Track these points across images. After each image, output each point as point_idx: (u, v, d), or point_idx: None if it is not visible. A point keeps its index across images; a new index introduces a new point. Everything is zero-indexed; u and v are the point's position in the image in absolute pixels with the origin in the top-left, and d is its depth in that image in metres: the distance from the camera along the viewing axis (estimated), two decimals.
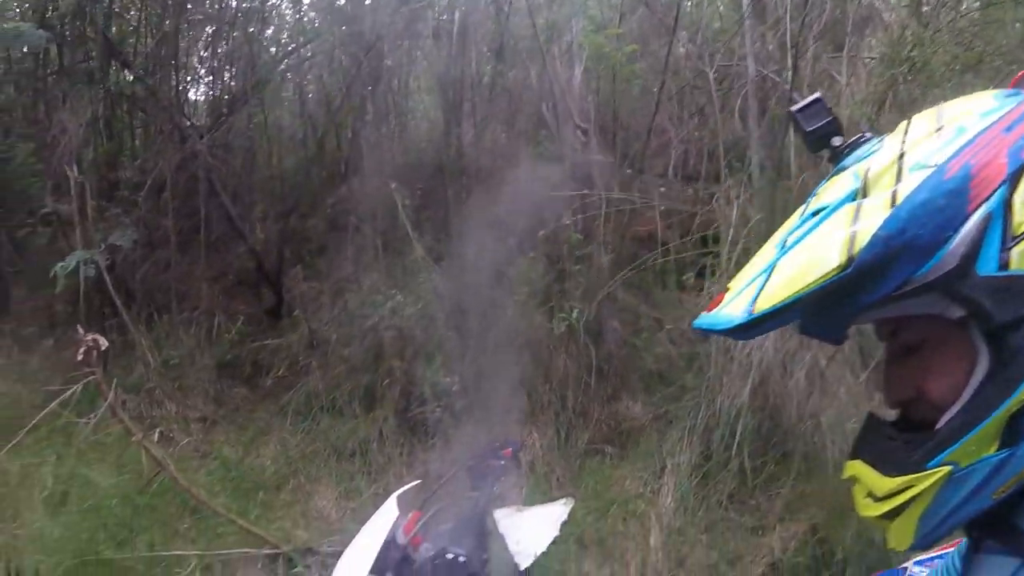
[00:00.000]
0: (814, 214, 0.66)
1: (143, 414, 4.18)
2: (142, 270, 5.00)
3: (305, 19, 5.93)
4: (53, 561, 2.85)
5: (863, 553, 3.06)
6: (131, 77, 5.28)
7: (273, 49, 5.87)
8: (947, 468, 0.64)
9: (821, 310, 0.64)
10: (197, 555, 3.02)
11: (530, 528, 1.78)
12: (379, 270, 3.74)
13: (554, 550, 2.87)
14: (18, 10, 5.22)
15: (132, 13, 5.71)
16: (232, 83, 5.70)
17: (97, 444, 3.70)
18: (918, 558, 2.15)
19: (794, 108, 0.80)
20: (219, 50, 5.78)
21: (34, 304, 5.03)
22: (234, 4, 5.61)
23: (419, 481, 1.69)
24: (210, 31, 5.81)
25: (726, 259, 3.19)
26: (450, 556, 1.37)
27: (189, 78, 5.92)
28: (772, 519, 3.11)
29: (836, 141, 0.77)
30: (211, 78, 5.94)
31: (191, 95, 6.18)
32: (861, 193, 0.65)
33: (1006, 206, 0.61)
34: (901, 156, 0.65)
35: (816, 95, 0.80)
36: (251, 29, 5.50)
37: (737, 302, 0.66)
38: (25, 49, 5.26)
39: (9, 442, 3.16)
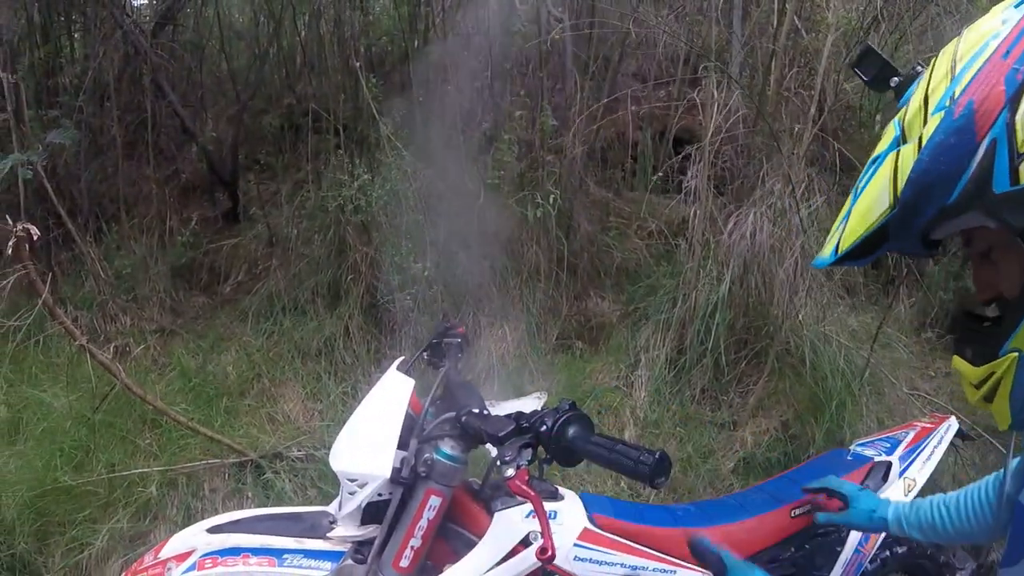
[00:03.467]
0: (873, 161, 0.80)
1: (97, 330, 4.00)
2: (86, 177, 4.70)
3: None
4: (9, 495, 2.71)
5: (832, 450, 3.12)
6: None
7: None
8: (1014, 355, 0.77)
9: (892, 239, 0.79)
10: (160, 471, 2.90)
11: None
12: (341, 157, 3.52)
13: None
14: None
15: None
16: None
17: (49, 365, 3.55)
18: (860, 440, 2.24)
19: (852, 64, 1.04)
20: None
21: None
22: None
23: (403, 358, 1.75)
24: None
25: (708, 152, 3.07)
26: (476, 410, 1.50)
27: None
28: (745, 415, 3.13)
29: (894, 82, 0.97)
30: None
31: None
32: (902, 139, 0.78)
33: (1009, 129, 0.70)
34: (926, 100, 0.77)
35: (865, 45, 1.01)
36: None
37: (828, 245, 0.82)
38: None
39: None
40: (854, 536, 2.02)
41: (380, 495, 1.52)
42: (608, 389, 3.12)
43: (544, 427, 1.37)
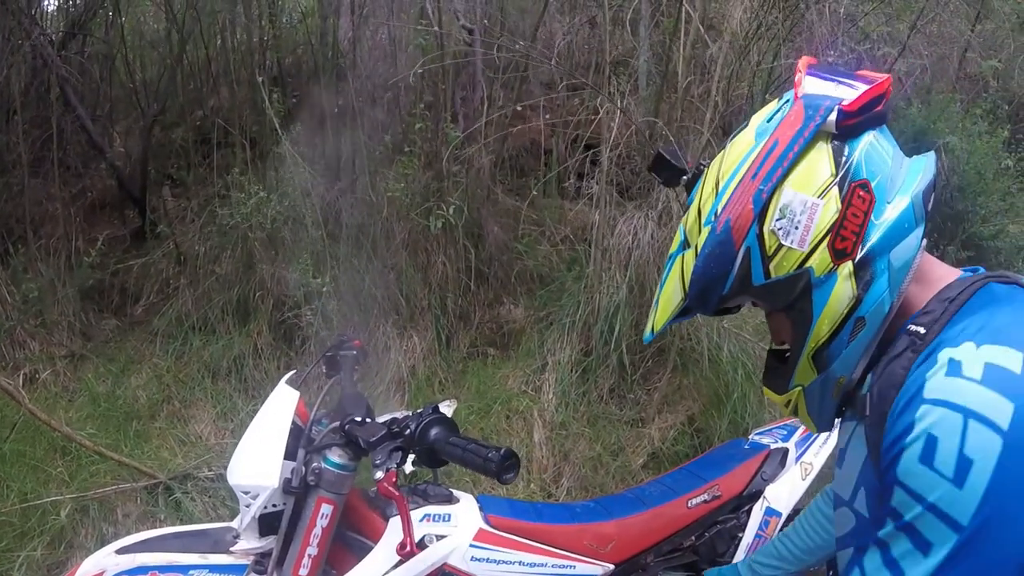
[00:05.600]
0: (670, 257, 1.03)
1: (5, 356, 3.87)
2: None
3: None
4: None
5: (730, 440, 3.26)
6: None
7: None
8: (798, 388, 1.01)
9: (693, 313, 1.05)
10: (72, 498, 2.85)
11: None
12: (246, 173, 3.51)
13: None
14: None
15: None
16: None
17: None
18: (758, 430, 2.42)
19: (649, 168, 1.27)
20: None
21: None
22: None
23: (295, 371, 1.81)
24: None
25: (607, 161, 3.18)
26: (358, 419, 1.55)
27: None
28: (651, 411, 3.24)
29: (683, 180, 1.17)
30: None
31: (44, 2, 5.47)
32: (686, 244, 1.00)
33: (759, 239, 0.92)
34: (699, 212, 0.98)
35: (655, 152, 1.23)
36: None
37: (648, 323, 1.07)
38: None
39: None
40: (754, 520, 2.11)
41: (275, 506, 1.56)
42: (514, 394, 3.19)
43: (408, 431, 1.43)
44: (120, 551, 1.65)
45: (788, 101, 0.97)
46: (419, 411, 1.50)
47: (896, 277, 0.92)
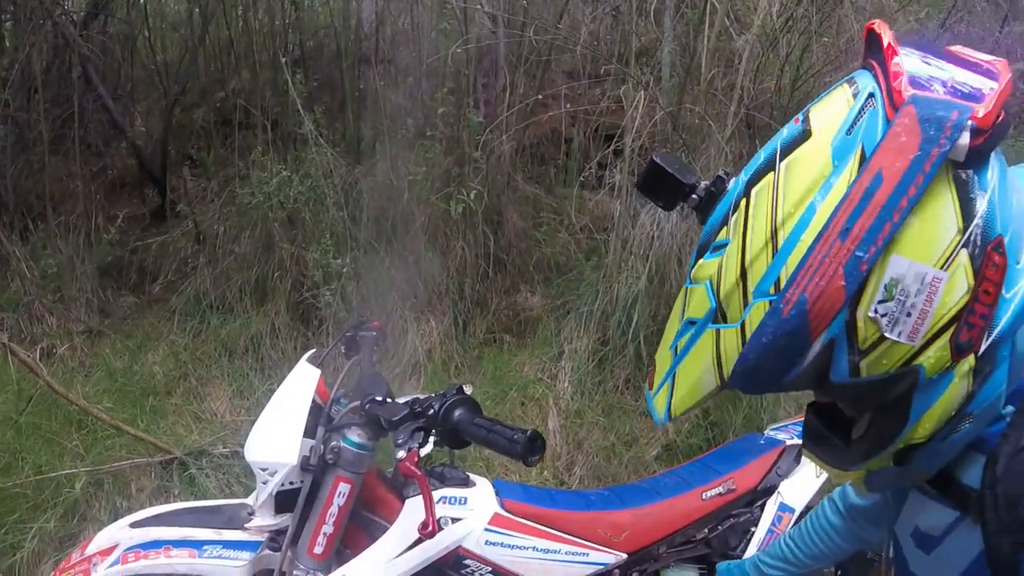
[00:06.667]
0: (690, 322, 0.73)
1: (23, 331, 3.92)
2: (12, 173, 4.57)
3: None
4: None
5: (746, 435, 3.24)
6: None
7: None
8: (864, 471, 0.75)
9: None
10: (86, 471, 2.88)
11: None
12: (267, 154, 3.53)
13: None
14: None
15: None
16: None
17: None
18: (774, 425, 2.34)
19: (638, 186, 0.90)
20: None
21: None
22: None
23: (315, 350, 1.80)
24: None
25: (629, 150, 3.16)
26: (379, 398, 1.54)
27: None
28: None
29: (693, 201, 0.82)
30: None
31: None
32: (719, 314, 0.69)
33: (849, 327, 0.63)
34: (744, 273, 0.66)
35: (651, 160, 0.86)
36: None
37: (660, 400, 0.77)
38: None
39: None
40: (767, 515, 2.10)
41: (292, 483, 1.56)
42: (529, 381, 3.20)
43: (432, 411, 1.42)
44: (134, 525, 1.66)
45: (873, 95, 0.64)
46: (442, 392, 1.49)
47: (1021, 362, 0.68)
